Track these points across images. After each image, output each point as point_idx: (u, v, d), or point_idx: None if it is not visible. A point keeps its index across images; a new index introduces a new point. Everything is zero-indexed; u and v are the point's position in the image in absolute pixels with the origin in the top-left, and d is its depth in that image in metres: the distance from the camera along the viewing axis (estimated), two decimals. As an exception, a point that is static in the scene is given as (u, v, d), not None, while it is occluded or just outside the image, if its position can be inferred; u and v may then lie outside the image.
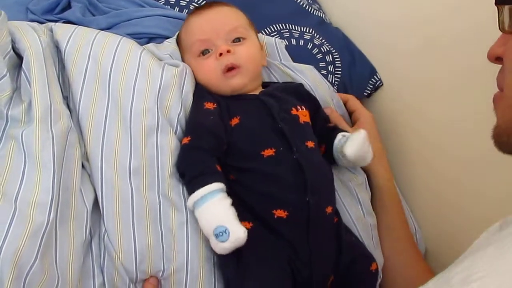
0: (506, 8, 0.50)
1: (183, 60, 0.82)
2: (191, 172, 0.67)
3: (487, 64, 0.56)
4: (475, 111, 0.79)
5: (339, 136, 0.77)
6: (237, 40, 0.77)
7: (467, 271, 0.42)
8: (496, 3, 0.51)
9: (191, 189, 0.66)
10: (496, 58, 0.53)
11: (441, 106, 0.88)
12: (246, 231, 0.62)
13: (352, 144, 0.72)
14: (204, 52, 0.77)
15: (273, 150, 0.69)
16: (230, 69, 0.75)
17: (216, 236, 0.61)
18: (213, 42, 0.76)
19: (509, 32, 0.51)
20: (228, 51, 0.74)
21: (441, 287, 0.44)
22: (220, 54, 0.74)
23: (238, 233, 0.61)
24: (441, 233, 0.89)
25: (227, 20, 0.78)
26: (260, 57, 0.81)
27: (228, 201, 0.65)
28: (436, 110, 0.89)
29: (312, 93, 0.85)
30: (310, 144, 0.73)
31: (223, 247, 0.61)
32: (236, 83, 0.75)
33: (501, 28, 0.52)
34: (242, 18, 0.81)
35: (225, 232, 0.61)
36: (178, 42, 0.84)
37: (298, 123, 0.75)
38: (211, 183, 0.64)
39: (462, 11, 0.80)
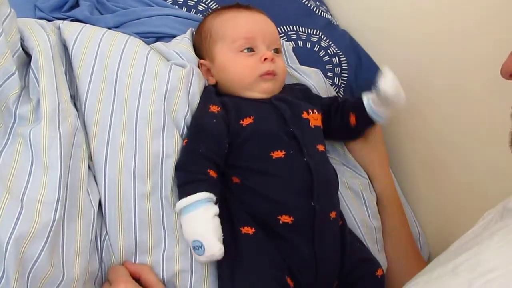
0: None
1: (207, 49, 0.81)
2: (182, 177, 0.68)
3: (495, 70, 0.56)
4: (482, 118, 0.79)
5: (365, 93, 0.79)
6: (275, 51, 0.79)
7: (474, 260, 0.42)
8: None
9: (180, 195, 0.67)
10: (511, 75, 0.53)
11: (444, 112, 0.88)
12: (222, 248, 0.62)
13: (386, 80, 0.73)
14: (247, 50, 0.77)
15: (283, 152, 0.69)
16: (267, 74, 0.76)
17: (193, 248, 0.63)
18: (257, 44, 0.77)
19: None
20: (272, 59, 0.76)
21: (445, 275, 0.44)
22: (265, 59, 0.76)
23: (213, 250, 0.61)
24: (445, 238, 0.89)
25: (272, 28, 0.82)
26: None
27: (212, 212, 0.64)
28: (440, 116, 0.89)
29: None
30: (321, 147, 0.74)
31: (199, 259, 0.63)
32: (268, 86, 0.77)
33: None
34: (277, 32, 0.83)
35: (200, 247, 0.62)
36: (206, 29, 0.82)
37: (309, 127, 0.75)
38: (196, 192, 0.64)
39: (469, 10, 0.80)
